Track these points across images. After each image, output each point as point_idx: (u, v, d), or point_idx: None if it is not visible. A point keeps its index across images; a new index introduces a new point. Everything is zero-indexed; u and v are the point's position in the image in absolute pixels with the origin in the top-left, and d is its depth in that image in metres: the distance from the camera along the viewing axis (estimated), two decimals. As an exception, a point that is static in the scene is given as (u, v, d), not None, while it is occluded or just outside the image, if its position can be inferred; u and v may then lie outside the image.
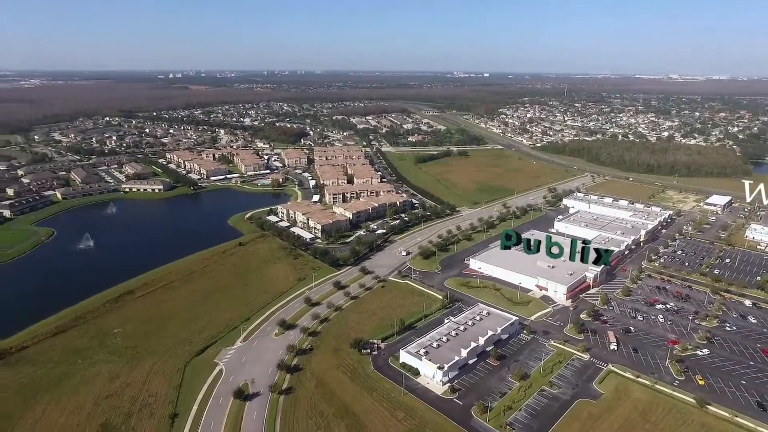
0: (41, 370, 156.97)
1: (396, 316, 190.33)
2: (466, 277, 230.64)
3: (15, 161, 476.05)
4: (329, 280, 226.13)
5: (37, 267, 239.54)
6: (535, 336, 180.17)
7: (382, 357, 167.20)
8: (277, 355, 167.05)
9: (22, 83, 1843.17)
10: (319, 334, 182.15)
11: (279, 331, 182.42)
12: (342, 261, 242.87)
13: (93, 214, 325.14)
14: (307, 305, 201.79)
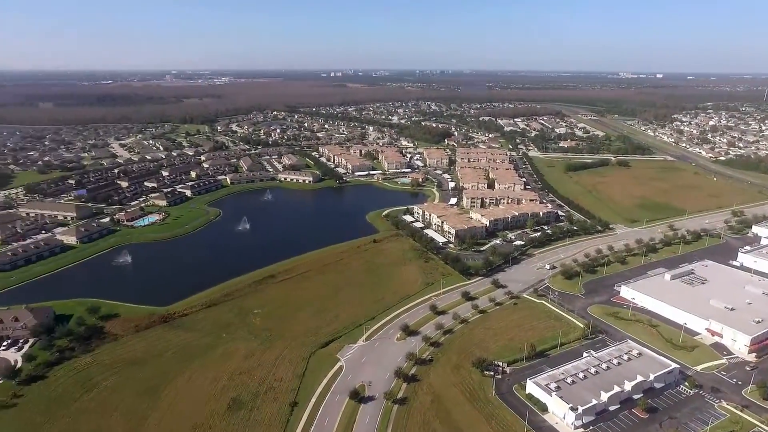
0: (193, 337, 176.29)
1: (526, 338, 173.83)
2: (615, 306, 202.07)
3: (201, 148, 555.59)
4: (458, 288, 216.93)
5: (204, 243, 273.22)
6: (701, 392, 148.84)
7: (506, 383, 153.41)
8: (396, 360, 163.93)
9: (215, 81, 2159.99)
10: (441, 345, 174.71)
11: (401, 336, 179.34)
12: (473, 270, 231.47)
13: (252, 200, 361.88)
14: (432, 312, 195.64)
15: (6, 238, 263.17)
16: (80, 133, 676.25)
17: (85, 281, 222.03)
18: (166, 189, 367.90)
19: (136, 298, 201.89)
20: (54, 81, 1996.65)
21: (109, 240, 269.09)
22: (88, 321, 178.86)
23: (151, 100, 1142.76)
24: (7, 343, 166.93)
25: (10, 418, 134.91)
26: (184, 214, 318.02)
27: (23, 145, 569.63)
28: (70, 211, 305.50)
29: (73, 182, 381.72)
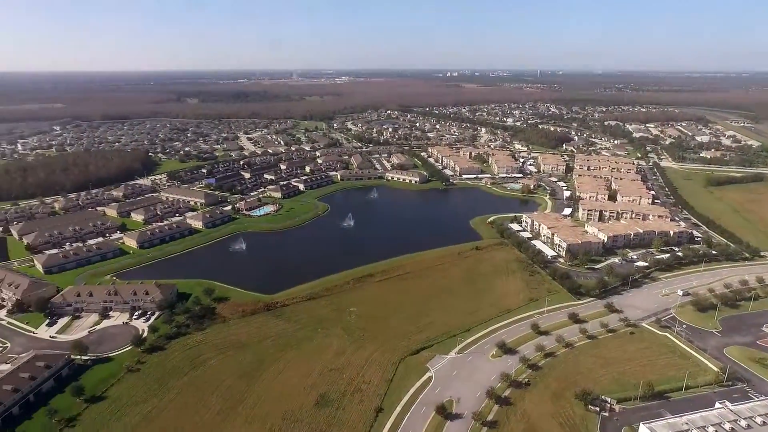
0: (292, 328, 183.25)
1: (643, 375, 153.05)
2: (762, 351, 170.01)
3: (317, 144, 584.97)
4: (565, 308, 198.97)
5: (310, 236, 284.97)
6: None
7: (614, 422, 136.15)
8: (489, 379, 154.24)
9: (336, 80, 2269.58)
10: (540, 368, 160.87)
11: (497, 353, 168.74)
12: (584, 290, 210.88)
13: (359, 197, 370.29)
14: (533, 331, 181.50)
15: (148, 219, 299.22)
16: (216, 127, 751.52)
17: (205, 263, 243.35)
18: (282, 182, 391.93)
19: (245, 284, 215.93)
20: (198, 79, 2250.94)
21: (228, 227, 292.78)
22: (204, 301, 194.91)
23: (278, 98, 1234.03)
24: (138, 314, 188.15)
25: (134, 381, 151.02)
26: (295, 206, 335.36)
27: (171, 137, 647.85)
28: (200, 198, 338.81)
29: (205, 171, 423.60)
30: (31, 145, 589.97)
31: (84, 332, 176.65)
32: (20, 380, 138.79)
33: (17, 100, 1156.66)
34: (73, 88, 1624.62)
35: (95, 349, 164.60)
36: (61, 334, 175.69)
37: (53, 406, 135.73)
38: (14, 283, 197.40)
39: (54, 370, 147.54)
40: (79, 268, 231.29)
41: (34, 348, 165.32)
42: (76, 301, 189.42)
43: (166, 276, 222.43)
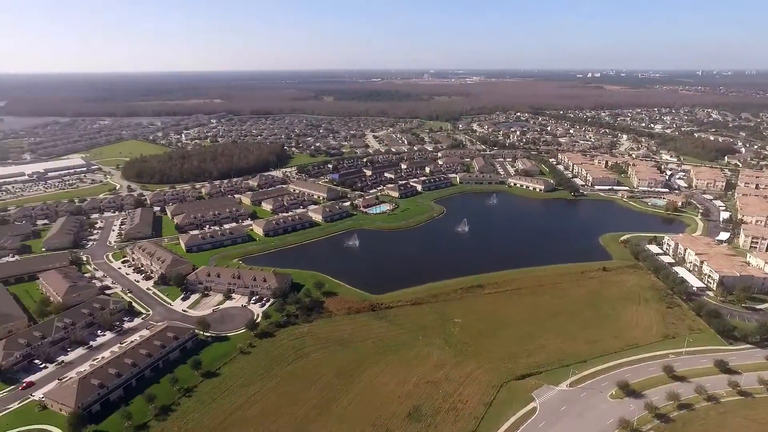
0: (394, 332, 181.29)
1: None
2: None
3: (440, 144, 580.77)
4: (710, 353, 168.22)
5: (423, 239, 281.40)
6: None
7: None
8: (604, 422, 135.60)
9: (467, 80, 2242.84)
10: (671, 421, 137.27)
11: (616, 393, 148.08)
12: (740, 334, 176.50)
13: (477, 202, 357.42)
14: (665, 374, 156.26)
15: (275, 209, 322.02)
16: (346, 124, 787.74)
17: (320, 256, 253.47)
18: (401, 181, 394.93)
19: (354, 281, 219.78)
20: (337, 78, 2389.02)
21: (345, 222, 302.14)
22: (314, 294, 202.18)
23: (408, 97, 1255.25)
24: (256, 299, 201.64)
25: (244, 363, 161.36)
26: (411, 207, 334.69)
27: (305, 132, 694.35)
28: (323, 192, 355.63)
29: (331, 167, 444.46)
30: (192, 136, 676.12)
31: (209, 310, 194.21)
32: (153, 347, 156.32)
33: (185, 96, 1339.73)
34: (225, 85, 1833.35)
35: (216, 327, 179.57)
36: (191, 309, 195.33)
37: (176, 374, 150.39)
38: (162, 258, 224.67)
39: (181, 341, 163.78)
40: (213, 249, 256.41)
41: (168, 319, 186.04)
42: (206, 281, 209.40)
43: (284, 265, 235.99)
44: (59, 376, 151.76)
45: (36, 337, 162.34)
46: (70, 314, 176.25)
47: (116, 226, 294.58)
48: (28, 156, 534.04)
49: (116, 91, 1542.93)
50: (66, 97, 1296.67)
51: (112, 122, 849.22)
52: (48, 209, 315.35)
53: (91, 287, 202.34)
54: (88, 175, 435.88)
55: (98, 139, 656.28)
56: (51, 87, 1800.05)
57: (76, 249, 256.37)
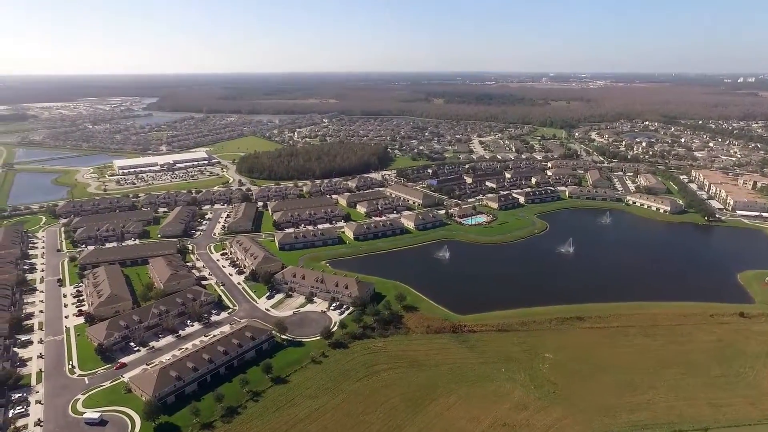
0: (473, 360, 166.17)
1: None
2: None
3: (550, 153, 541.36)
4: None
5: (520, 257, 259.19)
6: None
7: None
8: None
9: (589, 84, 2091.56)
10: None
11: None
12: None
13: (587, 220, 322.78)
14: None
15: (369, 212, 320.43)
16: (453, 127, 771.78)
17: (406, 266, 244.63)
18: (502, 191, 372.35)
19: (437, 297, 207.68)
20: (448, 80, 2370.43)
21: (438, 232, 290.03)
22: (393, 307, 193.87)
23: (521, 101, 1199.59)
24: (336, 305, 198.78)
25: (314, 373, 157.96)
26: (510, 220, 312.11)
27: (410, 134, 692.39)
28: (418, 198, 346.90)
29: (431, 172, 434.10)
30: (304, 134, 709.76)
31: (290, 312, 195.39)
32: (231, 345, 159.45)
33: (303, 96, 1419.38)
34: (342, 86, 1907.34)
35: (293, 330, 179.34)
36: (274, 309, 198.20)
37: (247, 376, 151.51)
38: (254, 254, 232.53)
39: (257, 342, 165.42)
40: (304, 249, 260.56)
41: (251, 317, 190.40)
42: (291, 281, 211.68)
43: (370, 271, 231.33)
44: (147, 361, 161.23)
45: (134, 321, 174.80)
46: (166, 302, 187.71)
47: (222, 218, 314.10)
48: (164, 147, 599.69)
49: (244, 90, 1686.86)
50: (203, 95, 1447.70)
51: (237, 119, 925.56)
52: (169, 198, 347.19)
53: (189, 277, 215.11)
54: (208, 167, 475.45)
55: (223, 134, 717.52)
56: (193, 86, 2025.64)
57: (186, 237, 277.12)
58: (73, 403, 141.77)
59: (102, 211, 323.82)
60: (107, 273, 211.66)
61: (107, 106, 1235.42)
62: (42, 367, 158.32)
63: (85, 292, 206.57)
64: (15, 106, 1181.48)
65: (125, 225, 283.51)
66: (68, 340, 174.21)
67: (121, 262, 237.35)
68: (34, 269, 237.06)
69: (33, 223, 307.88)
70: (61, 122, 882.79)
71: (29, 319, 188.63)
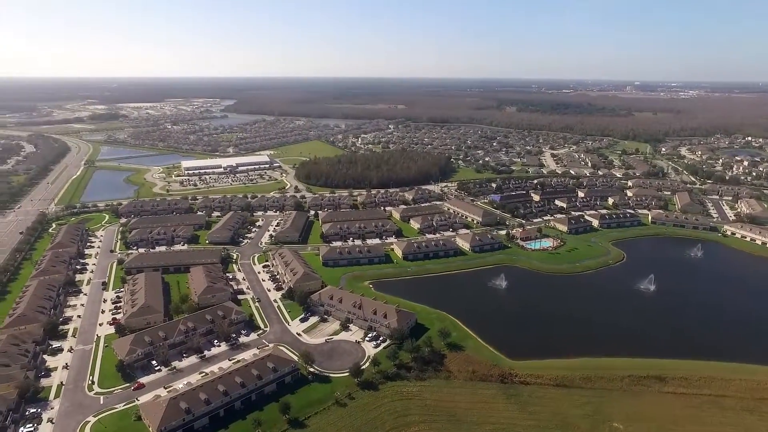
0: (522, 421, 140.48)
1: None
2: None
3: (632, 171, 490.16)
4: None
5: (590, 291, 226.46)
6: None
7: None
8: None
9: (680, 94, 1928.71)
10: None
11: None
12: None
13: (673, 252, 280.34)
14: None
15: (422, 228, 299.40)
16: (523, 138, 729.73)
17: (455, 294, 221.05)
18: (574, 212, 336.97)
19: (488, 334, 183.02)
20: (524, 88, 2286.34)
21: (496, 255, 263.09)
22: (435, 344, 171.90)
23: (601, 111, 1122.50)
24: (372, 335, 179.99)
25: (336, 417, 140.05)
26: (581, 247, 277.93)
27: (476, 144, 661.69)
28: (478, 215, 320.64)
29: (495, 186, 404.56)
30: (368, 140, 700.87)
31: (322, 339, 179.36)
32: (249, 376, 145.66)
33: (372, 101, 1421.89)
34: (412, 91, 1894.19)
35: (321, 362, 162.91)
36: (305, 334, 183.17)
37: (262, 415, 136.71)
38: (294, 270, 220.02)
39: (279, 375, 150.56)
40: (348, 266, 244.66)
41: (281, 341, 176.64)
42: (328, 304, 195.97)
43: (414, 297, 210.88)
44: (165, 384, 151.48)
45: (159, 337, 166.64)
46: (195, 318, 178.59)
47: (272, 226, 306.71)
48: (231, 149, 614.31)
49: (317, 94, 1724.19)
50: (277, 98, 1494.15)
51: (305, 123, 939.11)
52: (224, 202, 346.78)
53: (225, 291, 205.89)
54: (268, 171, 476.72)
55: (289, 137, 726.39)
56: (271, 89, 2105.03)
57: (232, 245, 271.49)
58: (82, 426, 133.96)
59: (160, 213, 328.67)
60: (146, 280, 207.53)
61: (189, 107, 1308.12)
62: (64, 380, 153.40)
63: (123, 299, 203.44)
64: (111, 106, 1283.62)
65: (176, 229, 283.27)
66: (95, 352, 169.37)
67: (164, 268, 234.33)
68: (84, 269, 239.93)
69: (96, 221, 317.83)
70: (146, 122, 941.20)
71: (66, 324, 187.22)
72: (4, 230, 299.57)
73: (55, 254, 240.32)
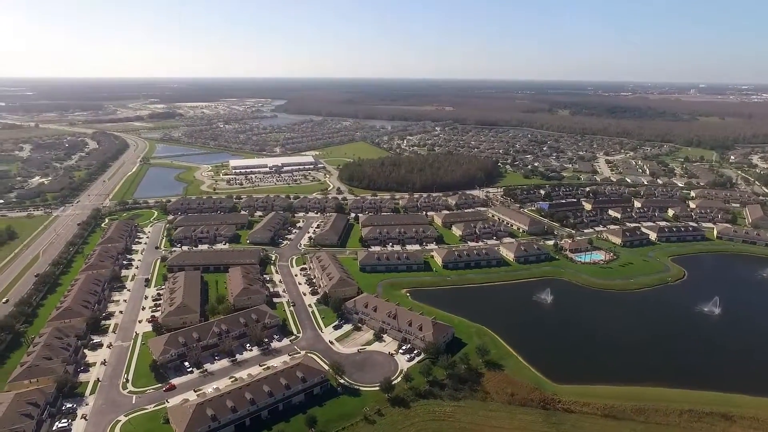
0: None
1: None
2: None
3: (696, 180, 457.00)
4: None
5: (644, 311, 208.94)
6: None
7: None
8: None
9: (752, 97, 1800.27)
10: None
11: None
12: None
13: (742, 271, 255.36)
14: None
15: (464, 236, 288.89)
16: (576, 143, 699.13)
17: (497, 307, 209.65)
18: (629, 223, 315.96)
19: (530, 353, 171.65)
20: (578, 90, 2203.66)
21: (542, 267, 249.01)
22: (473, 361, 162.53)
23: (662, 116, 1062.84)
24: (406, 348, 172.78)
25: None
26: (635, 262, 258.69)
27: (525, 148, 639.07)
28: (524, 223, 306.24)
29: (543, 193, 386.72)
30: (413, 142, 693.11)
31: (355, 349, 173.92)
32: (277, 385, 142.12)
33: (419, 102, 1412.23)
34: (462, 93, 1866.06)
35: (352, 374, 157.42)
36: (338, 342, 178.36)
37: (288, 427, 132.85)
38: (331, 275, 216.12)
39: (308, 385, 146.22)
40: (386, 272, 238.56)
41: (313, 348, 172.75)
42: (362, 312, 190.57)
43: (453, 308, 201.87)
44: (196, 387, 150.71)
45: (193, 339, 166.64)
46: (228, 321, 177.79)
47: (312, 228, 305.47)
48: (278, 149, 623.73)
49: (365, 95, 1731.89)
50: (326, 99, 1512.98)
51: (352, 123, 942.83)
52: (267, 202, 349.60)
53: (260, 293, 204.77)
54: (312, 172, 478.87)
55: (334, 138, 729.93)
56: (321, 89, 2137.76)
57: (272, 246, 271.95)
58: (112, 425, 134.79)
59: (205, 210, 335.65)
60: (185, 279, 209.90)
61: (241, 107, 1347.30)
62: (100, 377, 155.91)
63: (163, 296, 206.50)
64: (170, 105, 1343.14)
65: (219, 228, 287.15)
66: (132, 349, 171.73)
67: (204, 267, 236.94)
68: (130, 265, 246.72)
69: (146, 218, 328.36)
70: (200, 121, 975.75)
71: (108, 319, 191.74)
72: (62, 223, 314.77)
73: (104, 249, 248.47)
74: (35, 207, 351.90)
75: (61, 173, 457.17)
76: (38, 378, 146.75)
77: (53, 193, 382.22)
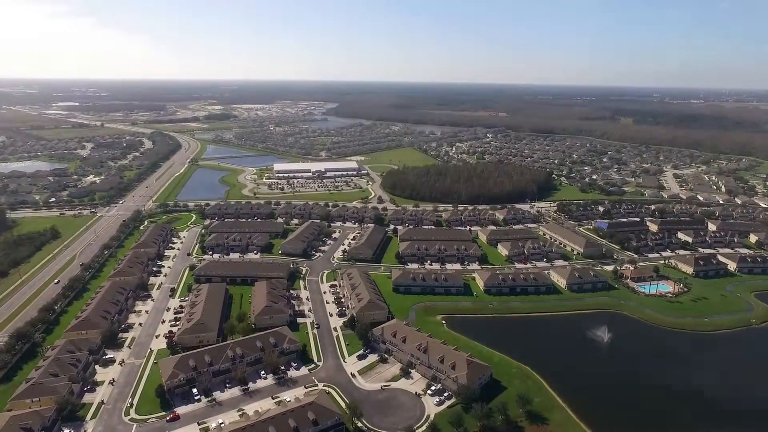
0: None
1: None
2: None
3: None
4: None
5: (724, 357, 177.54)
6: None
7: None
8: None
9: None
10: None
11: None
12: None
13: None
14: None
15: (511, 256, 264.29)
16: (640, 154, 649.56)
17: (544, 344, 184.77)
18: (702, 249, 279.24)
19: (581, 402, 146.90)
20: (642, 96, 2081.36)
21: (598, 298, 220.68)
22: (512, 411, 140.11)
23: (739, 126, 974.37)
24: (435, 389, 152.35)
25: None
26: (712, 296, 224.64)
27: (583, 159, 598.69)
28: (579, 245, 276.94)
29: (602, 210, 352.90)
30: (462, 149, 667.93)
31: (378, 385, 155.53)
32: (285, 428, 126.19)
33: (473, 108, 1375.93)
34: (517, 98, 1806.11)
35: (371, 417, 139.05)
36: (361, 376, 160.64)
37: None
38: (360, 296, 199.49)
39: (319, 429, 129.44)
40: (421, 294, 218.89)
41: (332, 381, 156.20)
42: (390, 342, 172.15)
43: (494, 341, 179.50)
44: (201, 418, 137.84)
45: (204, 362, 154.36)
46: (244, 344, 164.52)
47: (348, 239, 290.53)
48: (323, 153, 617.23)
49: (417, 99, 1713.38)
50: (377, 103, 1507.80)
51: (401, 128, 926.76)
52: (304, 210, 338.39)
53: (283, 312, 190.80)
54: (355, 179, 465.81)
55: (381, 143, 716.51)
56: (371, 92, 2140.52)
57: (304, 258, 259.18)
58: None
59: (242, 216, 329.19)
60: (208, 292, 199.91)
61: (294, 110, 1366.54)
62: (105, 398, 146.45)
63: (184, 309, 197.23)
64: (226, 107, 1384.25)
65: (252, 236, 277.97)
66: (144, 368, 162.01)
67: (231, 279, 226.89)
68: (159, 272, 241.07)
69: (184, 221, 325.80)
70: (252, 122, 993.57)
71: (126, 332, 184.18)
72: (104, 224, 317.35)
73: (135, 254, 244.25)
74: (83, 206, 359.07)
75: (113, 173, 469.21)
76: (41, 397, 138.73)
77: (102, 193, 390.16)
